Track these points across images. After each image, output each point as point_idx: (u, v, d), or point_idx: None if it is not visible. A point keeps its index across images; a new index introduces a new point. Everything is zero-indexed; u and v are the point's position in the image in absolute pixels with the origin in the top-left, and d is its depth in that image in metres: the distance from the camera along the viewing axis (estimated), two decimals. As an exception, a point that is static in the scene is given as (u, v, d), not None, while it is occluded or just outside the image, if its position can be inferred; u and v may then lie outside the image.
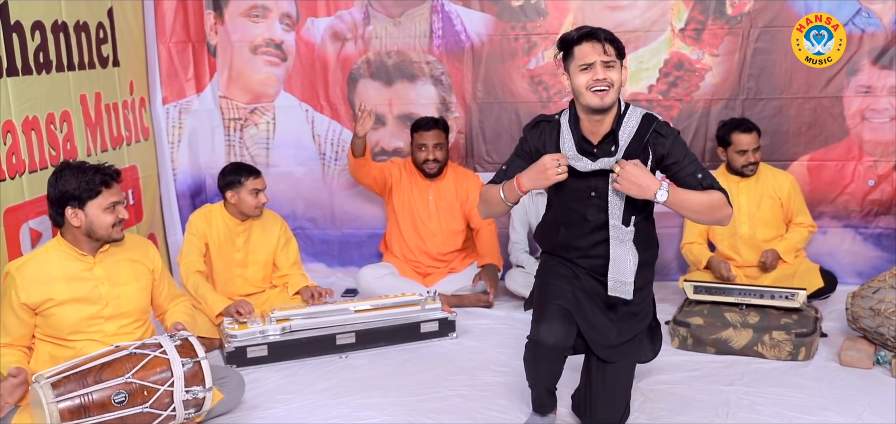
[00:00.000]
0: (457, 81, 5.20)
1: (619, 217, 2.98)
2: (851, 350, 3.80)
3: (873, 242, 5.00)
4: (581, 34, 2.90)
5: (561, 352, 3.02)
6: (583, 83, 2.88)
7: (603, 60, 2.87)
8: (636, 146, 2.94)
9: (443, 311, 4.28)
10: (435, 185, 4.89)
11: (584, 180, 2.98)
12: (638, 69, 5.01)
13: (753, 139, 4.56)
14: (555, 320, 2.99)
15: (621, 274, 3.01)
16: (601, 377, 3.15)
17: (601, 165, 2.94)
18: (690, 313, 4.09)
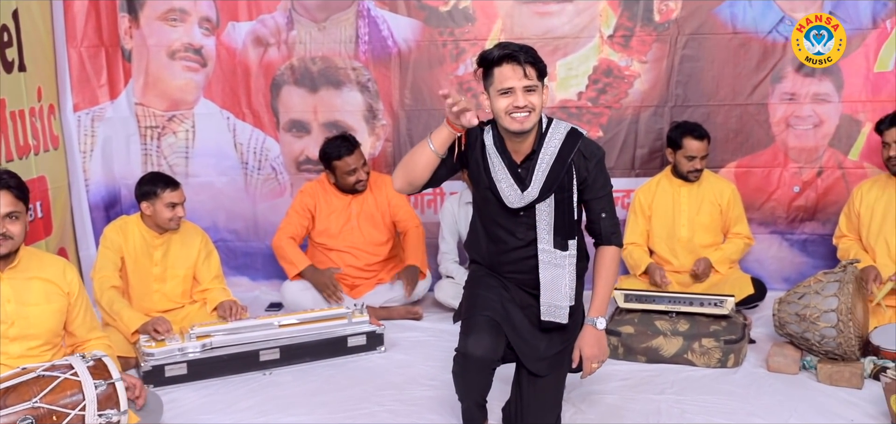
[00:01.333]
0: (384, 88, 5.20)
1: (551, 242, 3.04)
2: (778, 356, 3.92)
3: (799, 248, 5.17)
4: (502, 55, 2.87)
5: (489, 364, 3.03)
6: (502, 108, 2.89)
7: (524, 85, 2.86)
8: (559, 167, 2.97)
9: (371, 324, 4.26)
10: (355, 198, 4.87)
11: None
12: (567, 76, 5.09)
13: (704, 147, 4.68)
14: (483, 331, 3.01)
15: (555, 298, 3.06)
16: (532, 388, 3.18)
17: (528, 199, 2.99)
18: (621, 321, 4.17)
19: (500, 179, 3.00)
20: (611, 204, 3.10)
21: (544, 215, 3.02)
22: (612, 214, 3.10)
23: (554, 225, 3.02)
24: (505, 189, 3.00)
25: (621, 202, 5.18)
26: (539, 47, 4.91)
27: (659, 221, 4.82)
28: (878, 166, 4.86)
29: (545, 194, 3.00)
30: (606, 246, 3.10)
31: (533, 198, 2.99)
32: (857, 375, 3.69)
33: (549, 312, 3.06)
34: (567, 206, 3.03)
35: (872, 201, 4.49)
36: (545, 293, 3.05)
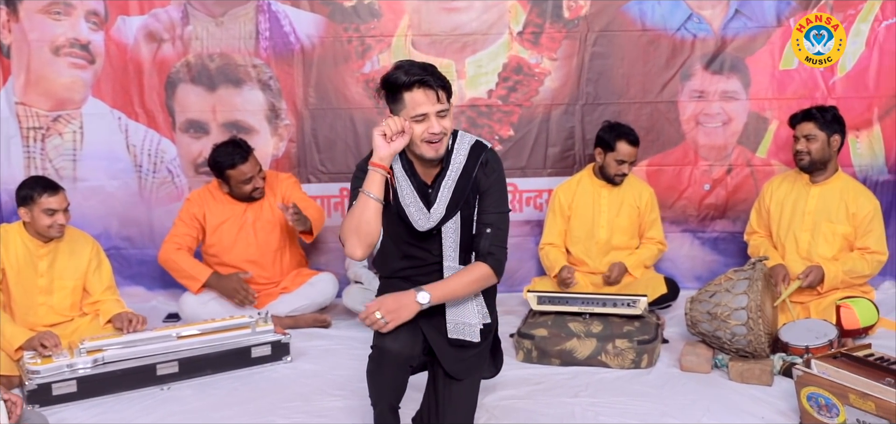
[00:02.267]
0: (287, 86, 5.12)
1: (456, 259, 3.07)
2: (691, 355, 4.01)
3: (710, 246, 5.32)
4: (413, 81, 2.87)
5: (406, 361, 3.02)
6: (418, 134, 2.90)
7: (437, 110, 2.89)
8: (465, 183, 3.01)
9: (275, 333, 4.19)
10: (251, 205, 4.76)
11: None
12: (476, 74, 5.11)
13: (634, 153, 4.77)
14: (400, 327, 3.00)
15: (462, 316, 3.08)
16: (448, 392, 3.18)
17: (436, 220, 3.01)
18: (534, 324, 4.20)
19: (408, 203, 3.02)
20: (503, 226, 3.08)
21: (450, 233, 3.05)
22: (501, 237, 3.08)
23: (460, 243, 3.06)
24: (413, 213, 3.03)
25: (533, 202, 5.23)
26: (447, 44, 5.03)
27: (578, 221, 4.88)
28: (786, 163, 5.04)
29: (451, 212, 3.03)
30: (482, 262, 3.06)
31: (440, 217, 3.02)
32: (767, 372, 3.81)
33: (456, 330, 3.08)
34: (471, 222, 3.07)
35: (781, 197, 4.64)
36: (451, 311, 3.08)
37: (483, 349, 3.20)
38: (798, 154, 4.49)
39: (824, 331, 4.01)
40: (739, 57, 5.08)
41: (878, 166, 5.11)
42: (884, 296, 4.95)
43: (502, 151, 5.17)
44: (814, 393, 3.28)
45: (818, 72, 5.02)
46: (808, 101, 4.95)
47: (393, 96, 2.92)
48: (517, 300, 4.97)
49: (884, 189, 5.08)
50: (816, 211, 4.51)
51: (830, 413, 3.23)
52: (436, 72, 2.91)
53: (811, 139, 4.44)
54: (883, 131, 5.06)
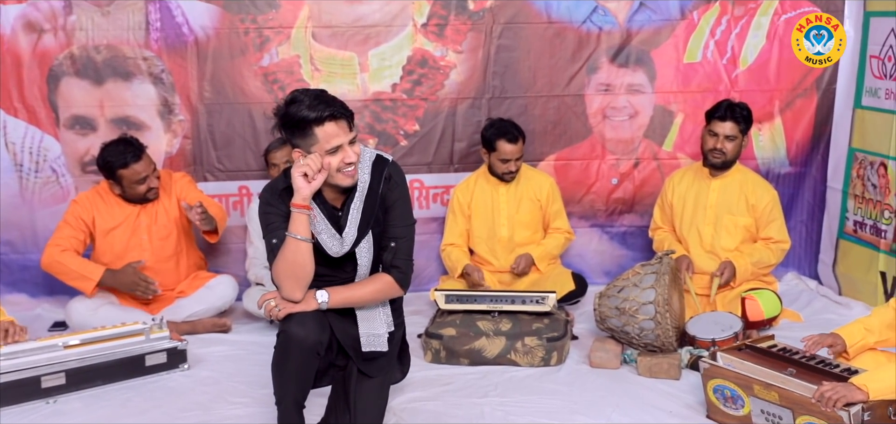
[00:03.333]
0: (180, 80, 5.02)
1: (368, 269, 3.21)
2: (600, 351, 4.11)
3: (619, 240, 5.44)
4: (324, 116, 2.97)
5: (313, 347, 3.07)
6: (335, 165, 3.03)
7: (350, 139, 3.03)
8: (372, 201, 3.14)
9: (171, 340, 4.11)
10: (144, 208, 4.65)
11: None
12: (380, 67, 5.11)
13: (518, 149, 4.81)
14: (307, 315, 3.08)
15: (373, 329, 3.23)
16: (359, 392, 3.24)
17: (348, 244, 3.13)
18: (443, 324, 4.23)
19: (320, 230, 3.11)
20: (409, 241, 3.24)
21: (364, 255, 3.18)
22: (406, 251, 3.24)
23: (373, 260, 3.20)
24: (326, 240, 3.12)
25: (440, 199, 5.26)
26: (349, 36, 5.02)
27: (479, 220, 4.93)
28: (692, 157, 5.20)
29: (363, 233, 3.15)
30: (386, 274, 3.24)
31: (353, 240, 3.14)
32: (675, 366, 3.93)
33: (369, 342, 3.23)
34: (381, 238, 3.22)
35: (684, 191, 4.79)
36: (363, 324, 3.22)
37: (392, 350, 3.30)
38: (713, 151, 4.62)
39: (730, 323, 4.16)
40: (645, 50, 5.22)
41: (780, 159, 5.32)
42: (787, 287, 5.17)
43: (408, 147, 5.19)
44: (720, 386, 3.40)
45: (721, 65, 5.20)
46: (713, 94, 5.13)
47: (301, 132, 3.01)
48: (424, 300, 5.00)
49: (785, 181, 5.30)
50: (718, 204, 4.68)
51: (736, 404, 3.36)
52: (337, 100, 3.04)
53: (730, 139, 4.60)
54: (784, 124, 5.28)
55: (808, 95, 5.24)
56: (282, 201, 3.13)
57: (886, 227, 4.68)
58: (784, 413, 3.17)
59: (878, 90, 4.77)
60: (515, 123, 4.88)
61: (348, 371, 3.29)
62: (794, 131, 5.29)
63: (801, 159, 5.33)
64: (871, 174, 4.82)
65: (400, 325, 3.40)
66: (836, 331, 3.52)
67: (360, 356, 3.24)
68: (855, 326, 3.53)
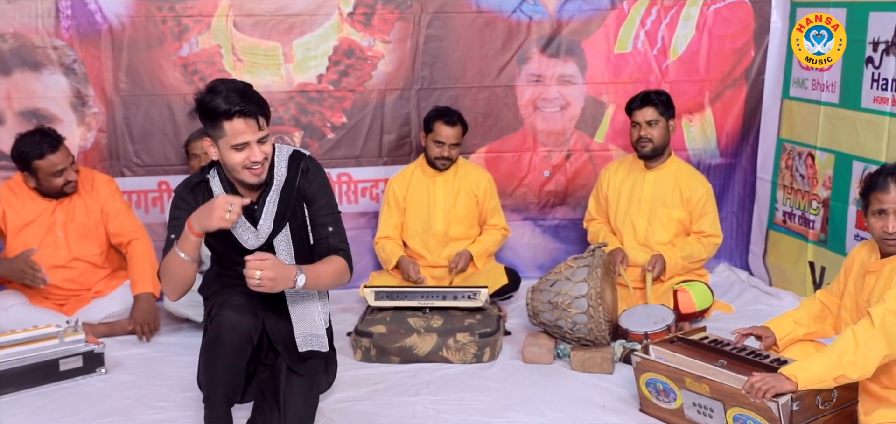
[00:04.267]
0: (93, 71, 4.92)
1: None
2: (533, 347, 4.16)
3: (551, 234, 5.51)
4: (233, 110, 2.99)
5: (245, 336, 3.08)
6: (238, 162, 3.05)
7: (259, 138, 3.05)
8: (289, 194, 3.17)
9: (87, 343, 4.04)
10: (61, 203, 4.55)
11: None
12: (305, 57, 5.08)
13: (455, 134, 4.84)
14: (239, 304, 3.10)
15: (311, 328, 3.27)
16: (289, 391, 3.23)
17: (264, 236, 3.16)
18: (373, 321, 4.23)
19: (235, 224, 3.08)
20: (335, 217, 3.28)
21: (283, 246, 3.19)
22: (342, 236, 3.29)
23: (295, 254, 3.21)
24: (241, 233, 3.15)
25: (369, 193, 5.26)
26: (272, 25, 4.98)
27: (414, 213, 4.94)
28: (624, 148, 5.29)
29: (279, 226, 3.17)
30: (335, 256, 3.25)
31: (268, 231, 3.16)
32: (608, 360, 4.00)
33: (306, 342, 3.26)
34: (304, 232, 3.24)
35: (618, 183, 4.88)
36: (298, 325, 3.25)
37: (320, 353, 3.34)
38: (640, 141, 4.72)
39: (662, 316, 4.25)
40: (575, 40, 5.29)
41: (711, 150, 5.45)
42: (718, 279, 5.30)
43: (335, 140, 5.17)
44: (652, 379, 3.47)
45: (651, 55, 5.30)
46: (643, 84, 5.22)
47: (212, 122, 3.03)
48: (354, 297, 4.99)
49: (716, 172, 5.42)
50: (652, 197, 4.77)
51: (668, 397, 3.43)
52: (255, 97, 3.05)
53: (653, 125, 4.69)
54: (714, 115, 5.40)
55: (738, 86, 5.37)
56: (194, 197, 3.15)
57: (815, 217, 4.83)
58: (715, 406, 3.25)
59: (805, 81, 4.92)
60: (457, 111, 4.92)
61: (277, 369, 3.29)
62: (724, 122, 5.42)
63: (731, 150, 5.47)
64: (799, 165, 4.97)
65: (330, 325, 3.43)
66: (767, 324, 3.62)
67: (292, 354, 3.25)
68: (784, 319, 3.64)
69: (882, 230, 3.20)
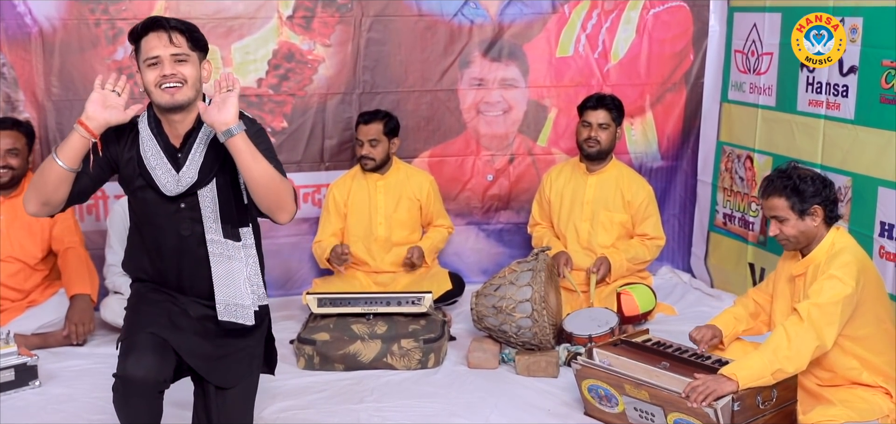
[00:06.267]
0: (24, 75, 4.84)
1: (218, 232, 3.01)
2: (478, 351, 4.20)
3: (496, 238, 5.57)
4: (146, 24, 2.93)
5: (154, 387, 2.92)
6: (151, 81, 2.91)
7: (172, 53, 2.90)
8: (219, 146, 2.92)
9: (20, 355, 3.98)
10: (10, 200, 4.47)
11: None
12: (244, 61, 5.06)
13: (371, 130, 4.84)
14: (145, 350, 2.91)
15: (234, 295, 3.03)
16: (219, 406, 3.14)
17: (186, 182, 2.95)
18: (315, 329, 4.24)
19: (154, 166, 2.96)
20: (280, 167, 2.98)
21: (208, 202, 2.99)
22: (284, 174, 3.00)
23: (220, 213, 3.00)
24: (161, 176, 2.96)
25: (311, 198, 5.26)
26: (210, 28, 4.95)
27: (355, 218, 4.95)
28: (567, 152, 5.37)
29: (205, 176, 2.97)
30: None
31: (191, 180, 2.95)
32: (553, 364, 4.06)
33: (228, 312, 3.03)
34: (233, 189, 3.02)
35: (561, 187, 4.95)
36: (220, 290, 3.02)
37: (251, 348, 3.16)
38: (589, 141, 4.79)
39: (606, 319, 4.32)
40: (517, 44, 5.35)
41: (652, 153, 5.56)
42: (661, 281, 5.40)
43: (276, 145, 5.09)
44: (593, 385, 3.55)
45: (593, 59, 5.39)
46: (585, 88, 5.30)
47: (135, 47, 2.96)
48: (296, 304, 4.99)
49: (658, 175, 5.53)
50: (594, 200, 4.86)
51: (610, 403, 3.51)
52: (182, 21, 2.95)
53: (604, 128, 4.78)
54: (655, 118, 5.51)
55: (678, 90, 5.49)
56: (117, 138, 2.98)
57: (754, 219, 4.96)
58: (656, 411, 3.33)
59: (742, 84, 5.05)
60: (384, 110, 4.95)
61: (205, 387, 3.15)
62: (664, 125, 5.53)
63: (672, 153, 5.58)
64: (738, 167, 5.09)
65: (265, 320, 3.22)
66: (712, 323, 3.74)
67: (214, 374, 3.09)
68: (725, 316, 3.78)
69: (776, 236, 3.44)
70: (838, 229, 3.47)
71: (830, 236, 3.42)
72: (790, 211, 3.38)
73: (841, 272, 3.27)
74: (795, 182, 3.40)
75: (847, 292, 3.24)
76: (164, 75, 2.89)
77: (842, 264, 3.29)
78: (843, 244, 3.40)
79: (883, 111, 4.03)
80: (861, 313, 3.33)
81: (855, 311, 3.30)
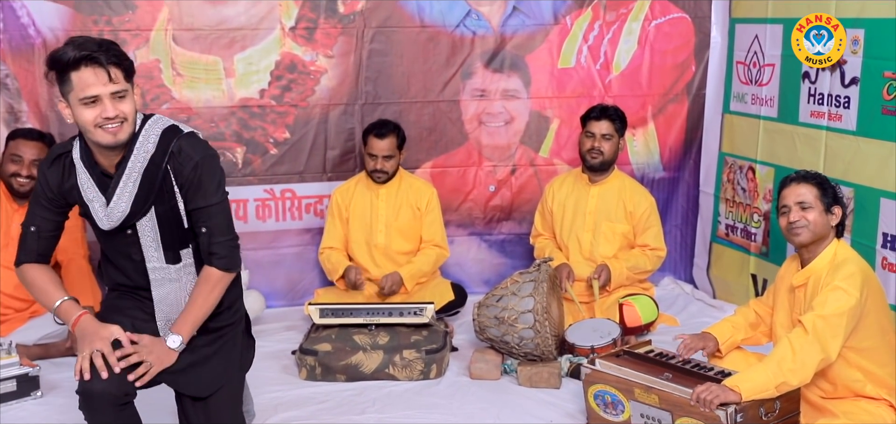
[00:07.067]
0: (27, 86, 4.85)
1: (160, 259, 2.97)
2: (480, 362, 4.20)
3: (498, 248, 5.57)
4: (78, 57, 2.74)
5: (119, 400, 2.86)
6: (89, 120, 2.77)
7: (111, 92, 2.77)
8: (153, 174, 2.87)
9: (22, 366, 3.98)
10: (19, 212, 4.45)
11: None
12: (247, 72, 5.07)
13: (385, 146, 4.85)
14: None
15: (174, 313, 3.00)
16: (203, 413, 3.09)
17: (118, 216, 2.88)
18: (317, 339, 4.24)
19: (91, 198, 2.89)
20: (219, 218, 2.96)
21: (148, 231, 2.94)
22: (220, 229, 2.96)
23: (162, 240, 2.96)
24: (97, 210, 2.89)
25: (313, 209, 5.26)
26: (213, 40, 4.97)
27: (356, 225, 4.96)
28: (569, 163, 5.38)
29: (140, 207, 2.89)
30: (209, 267, 2.97)
31: (123, 214, 2.87)
32: (555, 375, 4.06)
33: (166, 330, 2.97)
34: (173, 217, 2.95)
35: (563, 197, 4.95)
36: (160, 310, 3.00)
37: (223, 352, 3.09)
38: (592, 151, 4.80)
39: (608, 330, 4.32)
40: (519, 55, 5.36)
41: (654, 164, 5.56)
42: (663, 292, 5.40)
43: (278, 155, 5.16)
44: (601, 391, 3.54)
45: (595, 70, 5.40)
46: (587, 99, 5.31)
47: (61, 77, 2.78)
48: (299, 315, 4.99)
49: (660, 186, 5.54)
50: (597, 211, 4.86)
51: (616, 409, 3.50)
52: (111, 46, 2.79)
53: (607, 139, 4.79)
54: (657, 129, 5.52)
55: (680, 101, 5.50)
56: (55, 173, 2.92)
57: (756, 230, 4.96)
58: (664, 416, 3.33)
59: (744, 95, 5.06)
60: (393, 122, 4.96)
61: (181, 397, 3.11)
62: (666, 136, 5.54)
63: (674, 164, 5.58)
64: (740, 178, 5.09)
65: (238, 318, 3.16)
66: (707, 330, 3.74)
67: (183, 383, 3.03)
68: (723, 325, 3.77)
69: (794, 222, 3.42)
70: (839, 241, 3.47)
71: (832, 248, 3.42)
72: (818, 200, 3.41)
73: (845, 284, 3.26)
74: (824, 181, 3.49)
75: (851, 303, 3.24)
76: (107, 118, 2.76)
77: (846, 275, 3.29)
78: (845, 256, 3.40)
79: (885, 122, 4.03)
80: (865, 324, 3.32)
81: (859, 322, 3.29)
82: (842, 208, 3.46)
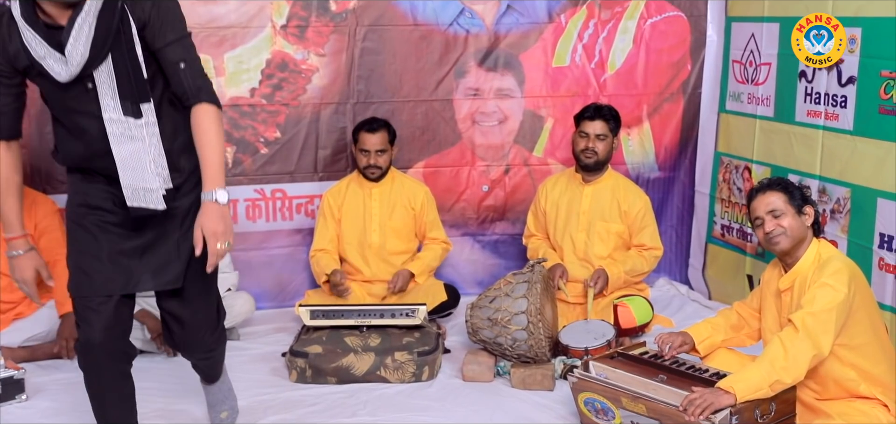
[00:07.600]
0: (15, 84, 4.80)
1: (117, 109, 2.81)
2: (473, 364, 4.16)
3: (491, 249, 5.53)
4: None
5: (116, 355, 2.89)
6: None
7: None
8: (109, 17, 2.72)
9: (7, 368, 3.95)
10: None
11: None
12: (237, 70, 5.03)
13: (377, 140, 4.83)
14: (98, 310, 2.86)
15: (139, 179, 2.85)
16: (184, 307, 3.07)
17: (76, 64, 2.73)
18: (308, 341, 4.20)
19: (42, 55, 2.73)
20: (194, 52, 2.88)
21: (105, 79, 2.78)
22: (197, 66, 2.87)
23: (118, 89, 2.79)
24: (52, 65, 2.74)
25: (304, 209, 5.22)
26: (203, 37, 4.94)
27: (349, 225, 4.93)
28: (563, 163, 5.34)
29: (98, 54, 2.74)
30: (198, 105, 2.86)
31: (82, 57, 2.72)
32: (548, 377, 4.02)
33: (136, 197, 2.85)
34: (130, 63, 2.79)
35: (556, 197, 4.92)
36: (125, 174, 2.84)
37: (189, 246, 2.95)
38: (586, 151, 4.77)
39: (603, 331, 4.29)
40: (513, 54, 5.33)
41: (649, 164, 5.53)
42: (658, 293, 5.37)
43: (269, 155, 5.12)
44: (590, 399, 3.51)
45: (589, 69, 5.37)
46: (582, 98, 5.28)
47: None
48: (289, 316, 4.95)
49: (655, 186, 5.51)
50: (590, 211, 4.83)
51: (607, 416, 3.47)
52: None
53: (601, 138, 4.76)
54: (652, 129, 5.49)
55: (675, 100, 5.47)
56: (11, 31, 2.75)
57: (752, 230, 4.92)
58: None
59: (740, 95, 5.03)
60: (383, 119, 4.93)
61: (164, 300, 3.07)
62: (662, 136, 5.51)
63: (669, 164, 5.55)
64: (736, 178, 5.07)
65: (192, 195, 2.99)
66: (684, 330, 3.73)
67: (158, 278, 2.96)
68: (703, 325, 3.78)
69: (771, 231, 3.42)
70: (821, 240, 3.47)
71: (814, 248, 3.43)
72: (788, 205, 3.41)
73: (832, 280, 3.27)
74: (789, 184, 3.52)
75: (840, 298, 3.24)
76: None
77: (833, 271, 3.30)
78: (829, 254, 3.43)
79: (882, 122, 4.01)
80: (856, 320, 3.32)
81: (849, 318, 3.29)
82: (813, 206, 3.47)
